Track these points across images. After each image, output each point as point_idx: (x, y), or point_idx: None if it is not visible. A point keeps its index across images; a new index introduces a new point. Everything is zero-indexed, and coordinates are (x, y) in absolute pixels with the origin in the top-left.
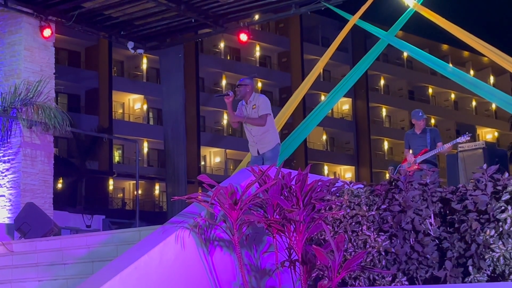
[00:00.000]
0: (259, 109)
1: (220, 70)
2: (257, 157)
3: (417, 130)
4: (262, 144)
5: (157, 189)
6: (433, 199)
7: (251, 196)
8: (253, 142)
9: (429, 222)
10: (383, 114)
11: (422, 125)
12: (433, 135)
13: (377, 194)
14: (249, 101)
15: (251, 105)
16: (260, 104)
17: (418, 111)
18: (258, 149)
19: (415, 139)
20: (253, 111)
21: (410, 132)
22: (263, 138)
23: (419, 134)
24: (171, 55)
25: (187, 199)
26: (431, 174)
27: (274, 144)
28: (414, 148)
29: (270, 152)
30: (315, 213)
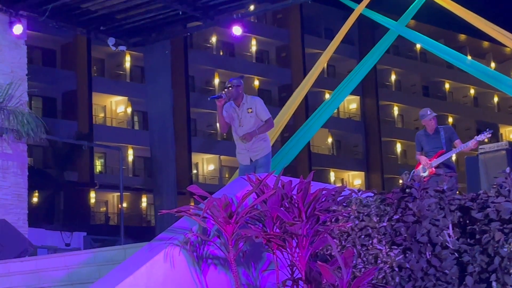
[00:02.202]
0: (259, 114)
1: (212, 67)
2: (248, 166)
3: (429, 130)
4: (256, 151)
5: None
6: (451, 208)
7: (248, 208)
8: (243, 150)
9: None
10: (395, 113)
11: (433, 125)
12: (448, 134)
13: (388, 203)
14: (242, 103)
15: (245, 109)
16: (258, 107)
17: (426, 110)
18: (251, 157)
19: (428, 141)
20: (249, 116)
21: (422, 133)
22: (257, 146)
23: (432, 135)
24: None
25: (176, 213)
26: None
27: (267, 150)
28: (428, 151)
29: (264, 159)
30: (320, 226)
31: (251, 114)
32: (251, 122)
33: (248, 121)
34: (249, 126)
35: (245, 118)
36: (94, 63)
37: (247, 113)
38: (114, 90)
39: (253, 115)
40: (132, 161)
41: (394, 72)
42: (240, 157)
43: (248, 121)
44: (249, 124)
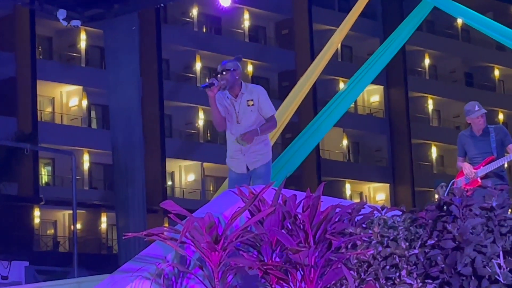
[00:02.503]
0: (263, 107)
1: (192, 48)
2: (241, 175)
3: (475, 130)
4: (254, 157)
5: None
6: (503, 230)
7: (239, 231)
8: (239, 154)
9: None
10: (429, 107)
11: (481, 124)
12: (500, 136)
13: (421, 224)
14: (240, 93)
15: (245, 100)
16: (262, 99)
17: (474, 104)
18: (248, 164)
19: (474, 143)
20: (249, 110)
21: (467, 134)
22: (257, 150)
23: (480, 136)
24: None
25: (146, 236)
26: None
27: (268, 157)
28: (473, 156)
29: (264, 168)
30: (332, 254)
31: (251, 107)
32: (252, 118)
33: (248, 117)
34: (249, 123)
35: (244, 113)
36: (39, 43)
37: (246, 106)
38: (65, 78)
39: (254, 109)
40: (88, 170)
41: (428, 55)
42: (234, 163)
43: (248, 117)
44: (249, 121)
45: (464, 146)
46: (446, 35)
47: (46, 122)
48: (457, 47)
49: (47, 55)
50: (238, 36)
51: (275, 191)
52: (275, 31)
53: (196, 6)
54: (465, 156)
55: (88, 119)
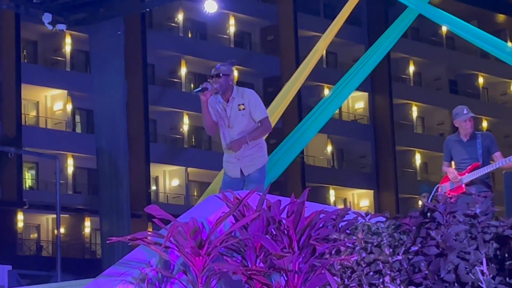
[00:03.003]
0: (254, 111)
1: (177, 53)
2: (235, 179)
3: (462, 135)
4: (249, 161)
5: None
6: (486, 237)
7: (223, 236)
8: (233, 159)
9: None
10: (414, 114)
11: (469, 128)
12: (487, 143)
13: (405, 230)
14: (231, 97)
15: (236, 104)
16: (252, 103)
17: (462, 108)
18: (242, 169)
19: (460, 149)
20: (240, 114)
21: (454, 138)
22: (252, 154)
23: (467, 142)
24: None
25: (130, 241)
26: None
27: (263, 162)
28: (459, 161)
29: (258, 172)
30: (316, 259)
31: (243, 111)
32: (244, 123)
33: (240, 121)
34: (241, 127)
35: (236, 117)
36: (24, 46)
37: (237, 110)
38: (50, 82)
39: (245, 113)
40: (72, 174)
41: (413, 62)
42: (229, 167)
43: (240, 121)
44: (241, 125)
45: (450, 151)
46: (430, 43)
47: (30, 126)
48: (441, 54)
49: (32, 59)
50: (223, 42)
51: (259, 196)
52: (260, 37)
53: (181, 11)
54: (451, 161)
55: (72, 123)
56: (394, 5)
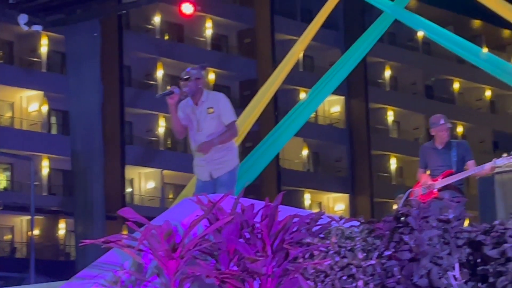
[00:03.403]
0: (223, 114)
1: (154, 55)
2: (206, 183)
3: (438, 143)
4: (217, 164)
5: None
6: (459, 242)
7: (197, 239)
8: (202, 161)
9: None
10: (389, 119)
11: (445, 137)
12: (462, 151)
13: (378, 235)
14: (200, 101)
15: (205, 108)
16: (221, 106)
17: (439, 117)
18: (211, 172)
19: (435, 156)
20: (209, 117)
21: (429, 146)
22: (220, 157)
23: (442, 149)
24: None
25: (104, 243)
26: (456, 206)
27: (233, 164)
28: (434, 168)
29: (228, 175)
30: (290, 263)
31: (212, 115)
32: (212, 126)
33: (209, 124)
34: (210, 130)
35: (205, 120)
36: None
37: (207, 113)
38: (26, 83)
39: (214, 116)
40: (47, 175)
41: (389, 67)
42: (198, 171)
43: (209, 124)
44: (210, 128)
45: (425, 158)
46: (407, 47)
47: (5, 127)
48: (417, 59)
49: (8, 60)
50: (200, 44)
51: (233, 199)
52: (237, 40)
53: (158, 13)
54: (426, 168)
55: (48, 125)
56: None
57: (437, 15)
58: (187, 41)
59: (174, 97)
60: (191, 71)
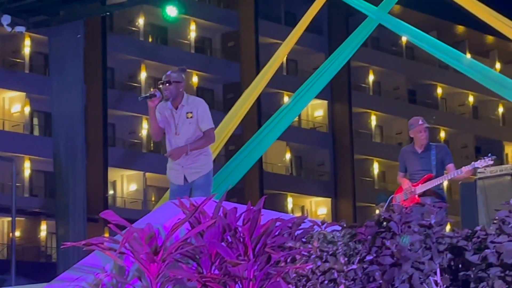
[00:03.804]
0: (201, 120)
1: (138, 57)
2: (181, 187)
3: (417, 146)
4: (193, 168)
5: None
6: (440, 248)
7: (178, 242)
8: (177, 166)
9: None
10: (372, 123)
11: (424, 139)
12: (441, 155)
13: (360, 240)
14: (180, 105)
15: (184, 112)
16: (200, 112)
17: (418, 118)
18: (186, 175)
19: (414, 160)
20: (188, 122)
21: (408, 149)
22: (195, 161)
23: (421, 153)
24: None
25: (85, 246)
26: (437, 212)
27: (208, 168)
28: (413, 172)
29: (203, 179)
30: (271, 267)
31: (190, 119)
32: (190, 131)
33: (187, 129)
34: (188, 135)
35: (183, 125)
36: None
37: (185, 118)
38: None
39: (193, 121)
40: (29, 177)
41: (373, 72)
42: (172, 174)
43: (187, 129)
44: (188, 133)
45: (405, 162)
46: (390, 52)
47: None
48: (401, 64)
49: None
50: (184, 47)
51: (216, 203)
52: (221, 43)
53: (142, 15)
54: (406, 171)
55: (30, 126)
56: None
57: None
58: (171, 44)
59: (155, 100)
60: (172, 74)
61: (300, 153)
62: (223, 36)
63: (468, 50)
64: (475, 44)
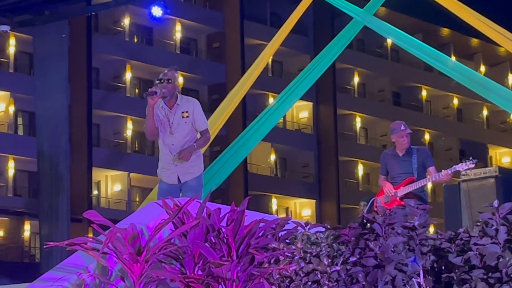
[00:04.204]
0: (197, 120)
1: (123, 58)
2: (172, 186)
3: (398, 150)
4: (187, 169)
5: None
6: (423, 249)
7: (162, 243)
8: (171, 165)
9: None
10: (357, 125)
11: (405, 143)
12: (422, 158)
13: (344, 241)
14: (176, 105)
15: (180, 112)
16: (196, 112)
17: (400, 123)
18: (180, 176)
19: (396, 163)
20: (183, 121)
21: (390, 152)
22: (190, 162)
23: (402, 156)
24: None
25: (68, 246)
26: (421, 214)
27: (200, 170)
28: (395, 175)
29: (196, 181)
30: (255, 268)
31: (186, 119)
32: (185, 130)
33: (182, 129)
34: (182, 134)
35: (179, 125)
36: None
37: (181, 117)
38: None
39: (188, 121)
40: (12, 177)
41: (358, 74)
42: (165, 174)
43: (182, 129)
44: (183, 133)
45: (386, 165)
46: (375, 54)
47: None
48: (386, 66)
49: None
50: (169, 48)
51: (199, 204)
52: (206, 44)
53: (128, 16)
54: (387, 174)
55: (14, 126)
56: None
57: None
58: (156, 44)
59: (155, 98)
60: (169, 73)
61: (285, 154)
62: (209, 37)
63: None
64: (460, 47)
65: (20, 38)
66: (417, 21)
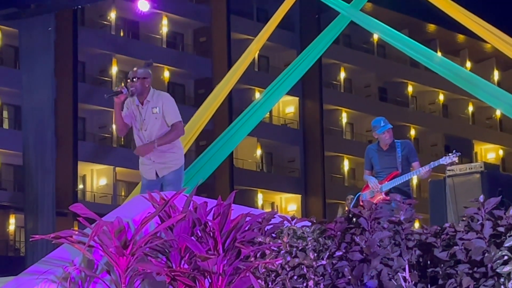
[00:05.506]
0: (167, 115)
1: (109, 51)
2: (152, 182)
3: (382, 145)
4: (163, 164)
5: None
6: (409, 244)
7: (148, 236)
8: (148, 161)
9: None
10: (343, 120)
11: (388, 139)
12: (406, 151)
13: (330, 235)
14: (146, 100)
15: (150, 107)
16: (165, 106)
17: (380, 120)
18: (157, 171)
19: (380, 157)
20: (153, 117)
21: (374, 147)
22: (166, 156)
23: (386, 151)
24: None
25: (54, 239)
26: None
27: (179, 164)
28: (379, 170)
29: (174, 175)
30: (241, 262)
31: (156, 115)
32: (156, 126)
33: (153, 124)
34: (154, 130)
35: (149, 120)
36: None
37: (151, 113)
38: None
39: (158, 117)
40: None
41: (344, 69)
42: (144, 169)
43: (153, 124)
44: (154, 128)
45: (371, 160)
46: (362, 50)
47: None
48: (372, 62)
49: None
50: (155, 42)
51: (186, 197)
52: (193, 38)
53: (114, 9)
54: (371, 169)
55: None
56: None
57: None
58: (143, 38)
59: (121, 97)
60: (138, 70)
61: (271, 149)
62: (195, 32)
63: (439, 49)
64: (446, 43)
65: (5, 31)
66: (404, 16)
